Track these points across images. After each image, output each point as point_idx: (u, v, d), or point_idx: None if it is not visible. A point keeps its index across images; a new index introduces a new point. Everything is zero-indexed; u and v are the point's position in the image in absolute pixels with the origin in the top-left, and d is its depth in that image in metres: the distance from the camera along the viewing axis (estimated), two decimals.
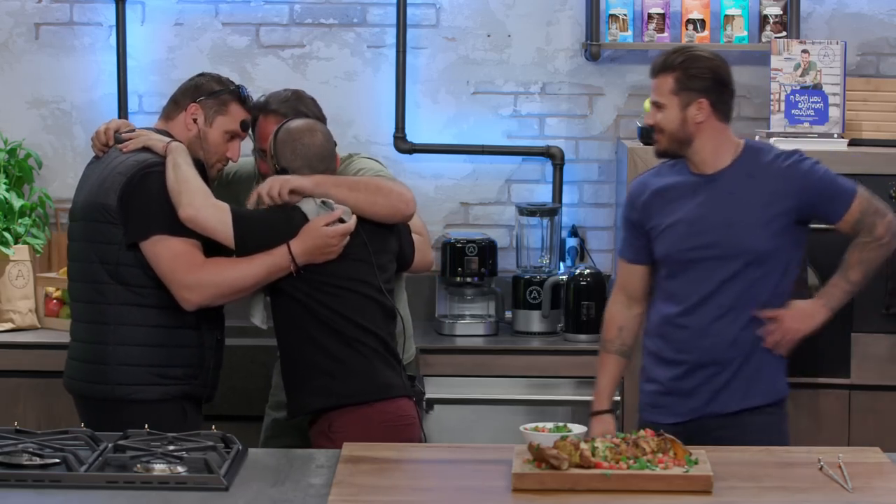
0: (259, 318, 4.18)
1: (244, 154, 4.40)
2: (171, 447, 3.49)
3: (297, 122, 4.15)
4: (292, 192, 4.03)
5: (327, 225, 4.00)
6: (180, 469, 3.37)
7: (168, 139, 4.06)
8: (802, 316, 4.13)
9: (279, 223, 4.02)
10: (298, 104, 4.39)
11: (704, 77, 4.07)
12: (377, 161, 4.59)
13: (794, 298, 4.17)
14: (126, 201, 4.00)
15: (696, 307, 4.09)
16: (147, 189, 3.99)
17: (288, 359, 4.12)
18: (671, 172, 4.18)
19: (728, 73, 4.13)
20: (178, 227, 3.96)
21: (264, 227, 4.02)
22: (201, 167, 4.11)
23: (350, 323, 4.05)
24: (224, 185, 4.52)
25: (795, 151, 4.15)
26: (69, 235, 4.19)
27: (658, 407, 4.15)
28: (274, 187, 4.02)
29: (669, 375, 4.13)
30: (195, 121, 4.15)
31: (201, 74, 4.29)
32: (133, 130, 4.14)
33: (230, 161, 4.25)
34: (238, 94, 4.22)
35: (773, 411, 4.14)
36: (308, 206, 4.04)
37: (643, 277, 4.24)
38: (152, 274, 4.01)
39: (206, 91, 4.18)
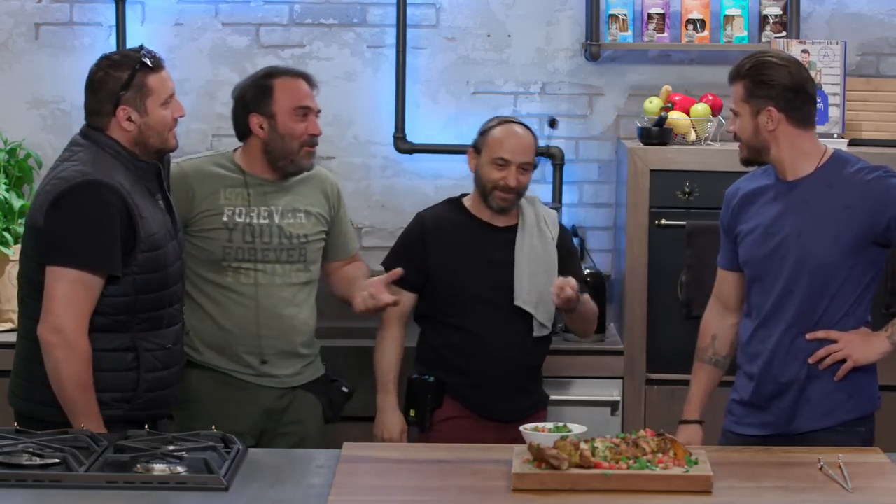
0: None
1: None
2: (171, 447, 3.48)
3: None
4: None
5: None
6: (180, 469, 3.37)
7: None
8: (863, 343, 3.99)
9: None
10: None
11: (772, 84, 3.95)
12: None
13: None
14: (47, 220, 3.81)
15: (766, 319, 4.01)
16: (70, 211, 3.80)
17: None
18: (762, 177, 4.10)
19: (800, 79, 3.99)
20: (90, 261, 3.79)
21: None
22: (157, 166, 3.98)
23: None
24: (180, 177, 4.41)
25: (882, 167, 4.02)
26: None
27: (734, 415, 4.09)
28: None
29: (748, 388, 4.06)
30: (129, 119, 3.92)
31: (98, 68, 3.96)
32: None
33: (177, 120, 4.02)
34: (145, 66, 3.93)
35: (856, 428, 4.00)
36: None
37: (735, 285, 4.15)
38: None
39: (117, 87, 3.91)
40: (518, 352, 4.58)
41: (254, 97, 4.44)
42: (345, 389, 4.60)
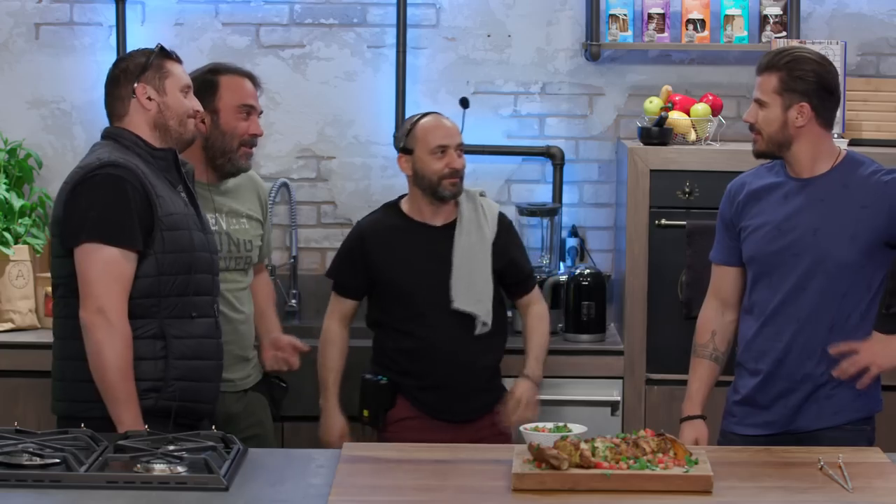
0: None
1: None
2: (171, 447, 3.48)
3: None
4: None
5: None
6: (180, 469, 3.37)
7: None
8: (884, 350, 3.98)
9: None
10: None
11: (809, 80, 3.96)
12: None
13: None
14: (66, 207, 3.86)
15: (773, 315, 4.01)
16: (87, 193, 3.83)
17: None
18: (769, 174, 4.10)
19: (835, 80, 4.01)
20: (114, 236, 3.80)
21: None
22: (174, 154, 3.99)
23: None
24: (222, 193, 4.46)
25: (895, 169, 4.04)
26: None
27: (735, 416, 4.09)
28: None
29: (752, 386, 4.06)
30: (150, 98, 3.95)
31: (119, 61, 4.05)
32: None
33: (198, 113, 4.06)
34: (166, 53, 4.01)
35: (862, 426, 4.02)
36: None
37: (735, 281, 4.15)
38: None
39: (138, 68, 3.96)
40: (466, 352, 4.59)
41: (197, 91, 4.36)
42: (283, 384, 4.61)
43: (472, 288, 4.60)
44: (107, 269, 3.80)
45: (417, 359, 4.59)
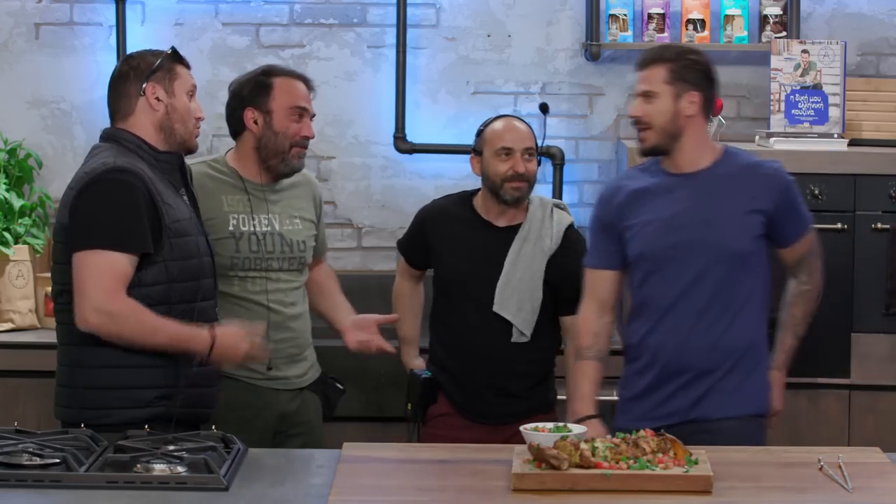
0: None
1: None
2: (171, 447, 3.48)
3: None
4: None
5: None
6: (180, 469, 3.36)
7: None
8: (780, 394, 4.16)
9: None
10: None
11: (698, 70, 4.04)
12: None
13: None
14: (72, 213, 3.82)
15: (670, 309, 4.03)
16: (94, 199, 3.80)
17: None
18: (644, 175, 4.14)
19: (716, 74, 4.11)
20: (121, 242, 3.78)
21: None
22: (180, 157, 3.99)
23: None
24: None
25: (776, 161, 4.13)
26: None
27: (630, 413, 4.09)
28: None
29: (646, 380, 4.08)
30: (158, 99, 3.93)
31: (128, 59, 4.04)
32: None
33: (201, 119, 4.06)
34: (177, 56, 4.02)
35: (762, 420, 4.10)
36: None
37: (612, 283, 4.18)
38: None
39: (149, 68, 3.95)
40: (503, 357, 4.58)
41: (251, 92, 4.44)
42: (340, 387, 4.62)
43: (516, 295, 4.57)
44: (99, 271, 3.77)
45: (455, 355, 4.60)
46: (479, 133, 4.65)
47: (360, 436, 4.90)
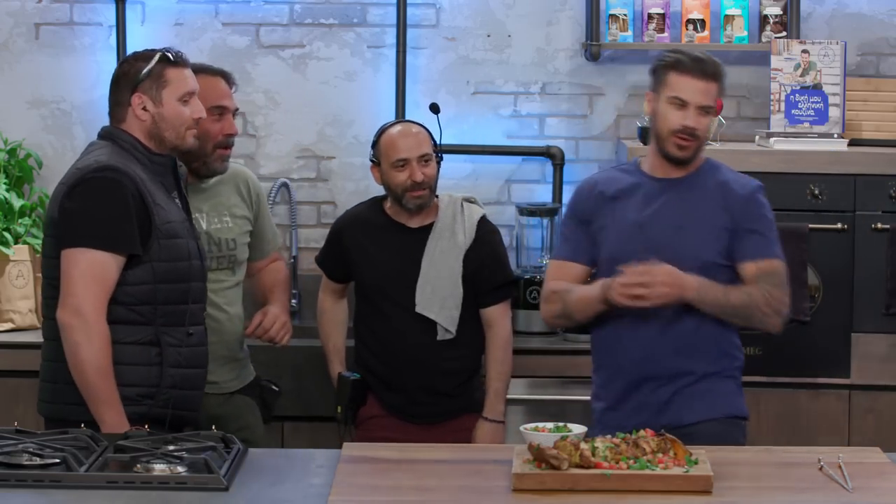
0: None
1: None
2: (171, 447, 3.48)
3: None
4: None
5: None
6: (180, 469, 3.37)
7: None
8: (674, 281, 3.94)
9: None
10: None
11: (724, 87, 4.12)
12: None
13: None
14: (61, 209, 3.83)
15: (641, 314, 3.99)
16: (83, 196, 3.81)
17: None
18: (623, 174, 4.15)
19: None
20: (106, 240, 3.78)
21: None
22: (173, 160, 3.98)
23: None
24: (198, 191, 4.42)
25: (757, 182, 4.11)
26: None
27: (605, 424, 4.04)
28: None
29: (619, 389, 4.07)
30: (144, 109, 3.92)
31: (123, 62, 4.05)
32: None
33: (199, 121, 4.02)
34: (167, 59, 3.97)
35: (740, 422, 4.08)
36: None
37: (577, 277, 4.15)
38: None
39: (136, 76, 3.93)
40: (430, 357, 4.59)
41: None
42: (275, 388, 4.58)
43: (437, 294, 4.59)
44: (89, 271, 3.78)
45: (382, 358, 4.62)
46: (375, 143, 4.66)
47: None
